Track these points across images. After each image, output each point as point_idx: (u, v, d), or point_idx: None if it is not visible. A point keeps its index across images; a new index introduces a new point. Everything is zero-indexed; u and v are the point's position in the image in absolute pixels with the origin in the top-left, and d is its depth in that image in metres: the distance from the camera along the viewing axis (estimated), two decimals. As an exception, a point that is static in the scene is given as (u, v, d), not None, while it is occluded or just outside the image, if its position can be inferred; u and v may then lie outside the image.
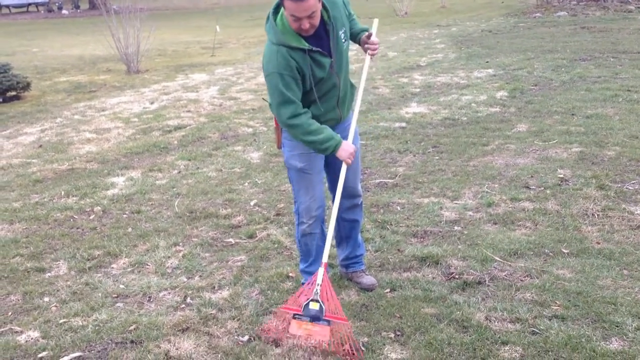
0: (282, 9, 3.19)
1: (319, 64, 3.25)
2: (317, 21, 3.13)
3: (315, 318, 3.22)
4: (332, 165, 3.64)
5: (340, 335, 3.18)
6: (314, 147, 3.34)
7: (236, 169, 6.37)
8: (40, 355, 3.37)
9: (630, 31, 14.75)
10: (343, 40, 3.35)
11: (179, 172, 6.44)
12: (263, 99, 6.40)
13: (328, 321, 3.19)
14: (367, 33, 3.52)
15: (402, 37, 17.22)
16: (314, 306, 3.23)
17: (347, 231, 3.91)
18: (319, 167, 3.58)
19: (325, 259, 3.44)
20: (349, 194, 3.73)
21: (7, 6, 45.50)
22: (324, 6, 3.22)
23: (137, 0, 15.66)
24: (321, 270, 3.35)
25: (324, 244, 3.77)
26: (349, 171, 3.53)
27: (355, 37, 3.55)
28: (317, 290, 3.27)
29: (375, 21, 3.62)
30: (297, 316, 3.26)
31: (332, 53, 3.29)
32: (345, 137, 3.46)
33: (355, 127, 3.58)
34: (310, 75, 3.24)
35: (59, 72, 14.37)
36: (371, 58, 3.52)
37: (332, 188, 3.67)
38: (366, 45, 3.49)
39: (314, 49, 3.20)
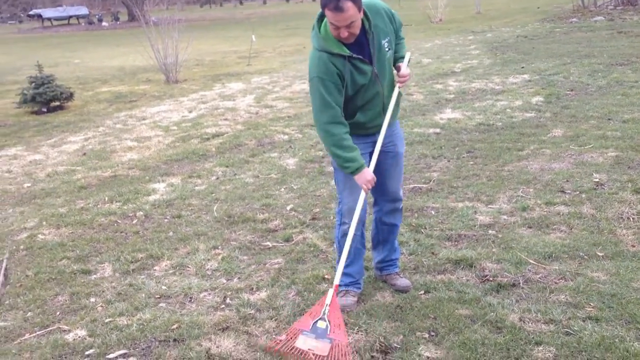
0: (322, 26, 3.34)
1: (360, 71, 3.35)
2: (356, 30, 3.24)
3: (320, 336, 3.29)
4: (375, 169, 3.69)
5: (340, 353, 3.22)
6: (338, 161, 3.44)
7: (272, 175, 6.50)
8: (87, 353, 3.51)
9: (670, 35, 14.52)
10: (386, 49, 3.43)
11: (217, 178, 6.60)
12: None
13: (330, 339, 3.26)
14: (398, 65, 3.60)
15: (436, 43, 17.24)
16: (321, 325, 3.32)
17: (385, 234, 3.99)
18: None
19: (337, 280, 3.48)
20: (391, 198, 3.86)
21: (49, 19, 46.77)
22: (365, 15, 3.32)
23: (175, 11, 16.01)
24: (330, 292, 3.41)
25: (363, 247, 3.87)
26: (391, 176, 3.76)
27: (393, 62, 3.62)
28: (325, 310, 3.36)
29: (408, 54, 3.70)
30: (305, 332, 3.34)
31: (373, 61, 3.39)
32: (390, 143, 3.66)
33: (400, 132, 3.79)
34: (351, 81, 3.35)
35: (100, 83, 14.76)
36: (399, 87, 3.59)
37: (375, 190, 3.81)
38: (397, 78, 3.57)
39: (354, 55, 3.31)
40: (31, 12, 50.50)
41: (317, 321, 3.35)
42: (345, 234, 3.68)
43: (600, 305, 3.55)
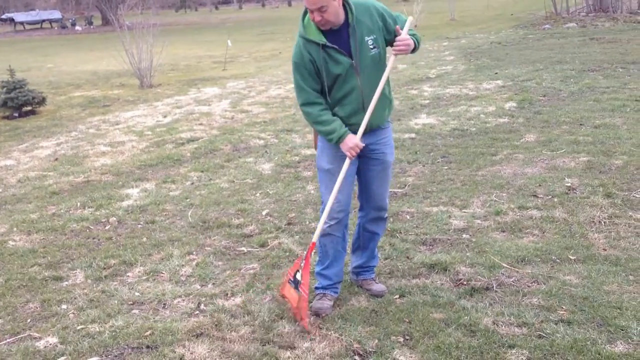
0: (306, 16, 3.46)
1: (335, 60, 3.42)
2: (331, 17, 3.33)
3: (295, 287, 3.64)
4: (362, 174, 3.76)
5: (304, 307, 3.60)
6: (324, 136, 3.57)
7: (248, 180, 6.48)
8: (59, 360, 3.47)
9: (639, 42, 14.80)
10: (371, 46, 3.46)
11: (192, 183, 6.56)
12: None
13: (299, 292, 3.60)
14: (397, 27, 3.53)
15: (411, 49, 17.32)
16: (298, 277, 3.65)
17: (365, 241, 3.99)
18: (347, 171, 3.64)
19: (314, 238, 3.72)
20: (376, 205, 3.86)
21: (22, 23, 46.19)
22: (349, 8, 3.41)
23: (149, 16, 15.91)
24: (309, 248, 3.70)
25: (344, 250, 3.89)
26: (378, 184, 3.76)
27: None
28: (301, 264, 3.66)
29: (409, 19, 3.61)
30: (290, 281, 3.70)
31: (353, 55, 3.43)
32: (378, 150, 3.68)
33: (390, 140, 3.76)
34: (325, 69, 3.43)
35: (73, 87, 14.61)
36: (395, 56, 3.52)
37: (361, 196, 3.87)
38: (394, 43, 3.49)
39: (328, 44, 3.39)
40: (3, 16, 49.83)
41: (296, 273, 3.67)
42: (324, 234, 3.77)
43: (573, 308, 3.59)
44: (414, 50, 3.53)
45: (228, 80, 14.20)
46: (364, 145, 3.53)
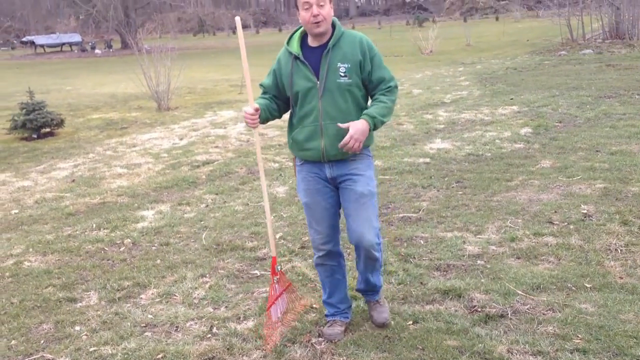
0: (295, 32, 3.57)
1: (301, 74, 3.48)
2: (326, 13, 3.38)
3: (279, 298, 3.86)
4: (342, 206, 3.64)
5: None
6: None
7: (262, 203, 6.50)
8: (71, 382, 3.47)
9: (657, 68, 14.73)
10: (341, 74, 3.42)
11: (207, 205, 6.59)
12: None
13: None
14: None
15: (427, 74, 17.40)
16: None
17: (361, 284, 3.90)
18: (324, 204, 3.61)
19: (272, 252, 3.82)
20: (356, 243, 3.59)
21: (42, 46, 46.92)
22: (334, 31, 3.47)
23: (168, 40, 16.10)
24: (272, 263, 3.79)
25: (343, 278, 3.86)
26: (353, 217, 3.53)
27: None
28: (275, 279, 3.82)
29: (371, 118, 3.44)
30: (272, 308, 3.77)
31: (320, 76, 3.44)
32: (348, 180, 3.54)
33: (363, 169, 3.56)
34: (291, 77, 3.50)
35: (91, 110, 14.78)
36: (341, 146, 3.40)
37: (347, 225, 3.64)
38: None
39: (300, 57, 3.47)
40: (24, 39, 50.66)
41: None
42: (316, 264, 3.83)
43: (588, 337, 3.54)
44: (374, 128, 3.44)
45: (244, 103, 14.30)
46: (253, 110, 3.50)
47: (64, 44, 47.68)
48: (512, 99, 11.90)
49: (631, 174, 6.48)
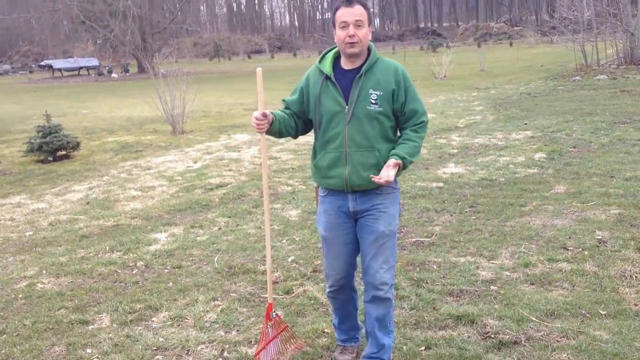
0: (329, 52, 3.47)
1: (329, 96, 3.37)
2: (362, 35, 3.27)
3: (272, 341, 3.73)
4: (360, 241, 3.52)
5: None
6: None
7: (275, 226, 6.50)
8: (81, 404, 3.46)
9: (672, 94, 14.67)
10: (373, 101, 3.31)
11: (220, 228, 6.60)
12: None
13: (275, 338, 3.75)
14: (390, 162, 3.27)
15: (440, 99, 17.44)
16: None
17: (367, 324, 3.61)
18: (344, 239, 3.49)
19: (269, 298, 3.70)
20: (370, 281, 3.46)
21: (60, 69, 47.58)
22: (369, 56, 3.37)
23: (184, 64, 16.29)
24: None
25: (355, 309, 3.77)
26: (371, 256, 3.43)
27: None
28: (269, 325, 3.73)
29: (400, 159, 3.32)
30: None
31: (349, 101, 3.32)
32: (370, 216, 3.42)
33: (388, 207, 3.45)
34: (319, 97, 3.40)
35: (107, 133, 14.92)
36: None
37: (362, 266, 3.55)
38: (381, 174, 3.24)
39: (331, 78, 3.37)
40: (42, 63, 51.44)
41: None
42: (328, 296, 3.73)
43: (603, 364, 3.49)
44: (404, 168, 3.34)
45: (258, 127, 14.37)
46: (261, 116, 3.33)
47: (81, 67, 48.33)
48: (526, 124, 11.88)
49: (646, 200, 6.43)
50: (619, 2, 22.80)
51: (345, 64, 3.39)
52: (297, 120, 3.55)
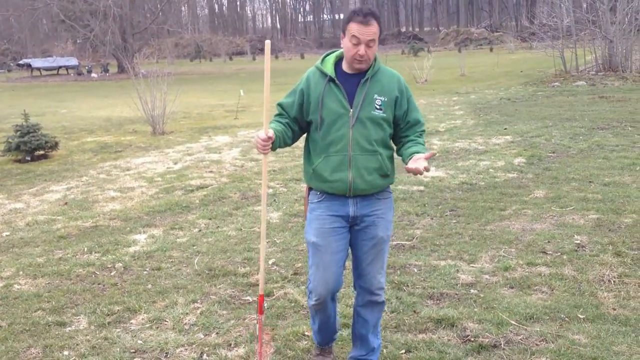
0: (330, 55, 3.42)
1: (333, 98, 3.31)
2: (372, 55, 3.24)
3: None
4: (353, 249, 3.49)
5: None
6: None
7: (256, 229, 6.48)
8: (57, 408, 3.41)
9: (649, 101, 14.87)
10: (377, 107, 3.30)
11: (200, 230, 6.56)
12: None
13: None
14: (426, 154, 3.24)
15: (421, 103, 17.51)
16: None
17: (358, 327, 3.63)
18: (335, 247, 3.39)
19: (260, 290, 3.58)
20: (367, 287, 3.49)
21: (39, 69, 47.05)
22: (374, 63, 3.32)
23: (165, 65, 16.20)
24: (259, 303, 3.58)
25: (335, 315, 3.70)
26: (368, 261, 3.44)
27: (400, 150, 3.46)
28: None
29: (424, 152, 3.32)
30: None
31: (354, 105, 3.29)
32: (369, 223, 3.40)
33: (386, 213, 3.47)
34: (322, 98, 3.32)
35: (86, 133, 14.78)
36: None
37: (353, 273, 3.56)
38: (412, 160, 3.24)
39: (336, 80, 3.31)
40: (21, 62, 50.80)
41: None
42: (310, 307, 3.58)
43: (582, 368, 3.52)
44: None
45: (239, 129, 14.34)
46: (266, 137, 3.24)
47: (60, 67, 47.81)
48: (505, 128, 11.97)
49: (624, 205, 6.51)
50: (598, 9, 23.08)
51: (348, 69, 3.35)
52: (293, 128, 3.47)
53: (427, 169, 3.14)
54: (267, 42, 3.33)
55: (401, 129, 3.44)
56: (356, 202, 3.38)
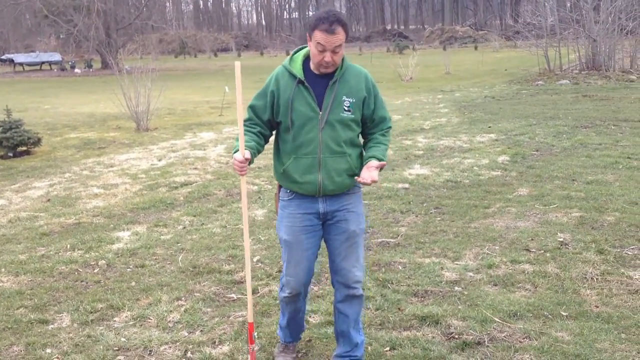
0: (298, 53, 3.39)
1: (302, 102, 3.29)
2: (338, 59, 3.24)
3: None
4: (327, 244, 3.53)
5: None
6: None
7: (240, 226, 6.45)
8: (39, 406, 3.38)
9: (632, 100, 15.03)
10: (345, 108, 3.31)
11: (184, 227, 6.53)
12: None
13: None
14: (376, 164, 3.32)
15: (406, 101, 17.56)
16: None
17: (340, 324, 3.64)
18: (306, 244, 3.44)
19: (249, 318, 3.54)
20: (343, 282, 3.51)
21: (21, 64, 46.59)
22: (341, 63, 3.31)
23: (149, 61, 16.11)
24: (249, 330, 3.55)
25: (304, 312, 3.76)
26: (342, 256, 3.47)
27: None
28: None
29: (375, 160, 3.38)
30: None
31: (323, 107, 3.29)
32: (340, 217, 3.44)
33: (357, 207, 3.50)
34: (291, 102, 3.30)
35: (69, 129, 14.65)
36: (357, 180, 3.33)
37: (330, 269, 3.59)
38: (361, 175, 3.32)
39: (305, 82, 3.29)
40: (3, 57, 50.24)
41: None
42: (281, 300, 3.66)
43: (565, 365, 3.54)
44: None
45: (224, 125, 14.29)
46: (244, 159, 3.24)
47: (43, 62, 47.40)
48: (490, 127, 12.03)
49: (607, 203, 6.56)
50: (582, 9, 23.25)
51: (316, 70, 3.34)
52: (265, 134, 3.49)
53: (374, 181, 3.23)
54: (237, 64, 3.31)
55: (368, 127, 3.48)
56: (325, 200, 3.42)
